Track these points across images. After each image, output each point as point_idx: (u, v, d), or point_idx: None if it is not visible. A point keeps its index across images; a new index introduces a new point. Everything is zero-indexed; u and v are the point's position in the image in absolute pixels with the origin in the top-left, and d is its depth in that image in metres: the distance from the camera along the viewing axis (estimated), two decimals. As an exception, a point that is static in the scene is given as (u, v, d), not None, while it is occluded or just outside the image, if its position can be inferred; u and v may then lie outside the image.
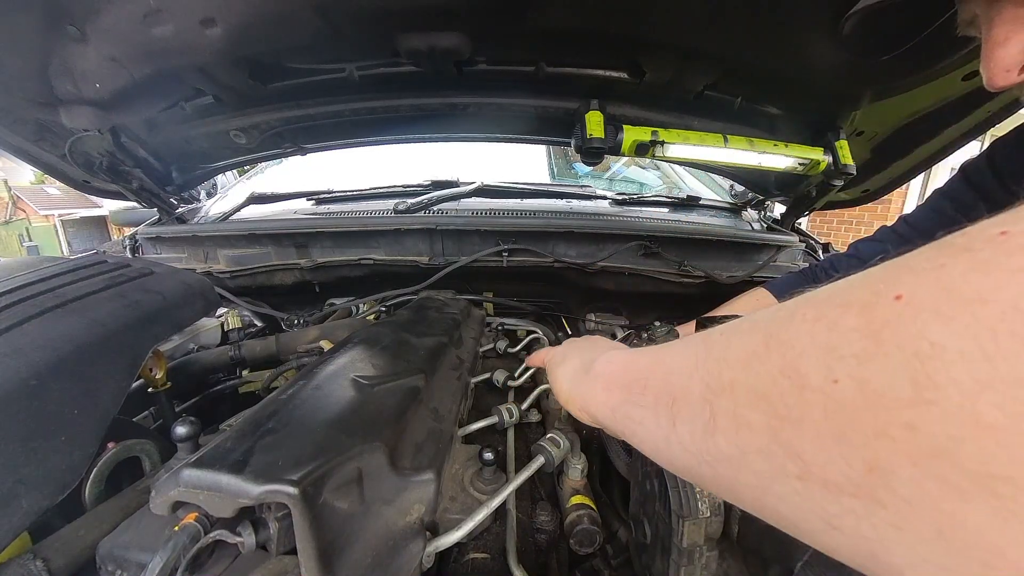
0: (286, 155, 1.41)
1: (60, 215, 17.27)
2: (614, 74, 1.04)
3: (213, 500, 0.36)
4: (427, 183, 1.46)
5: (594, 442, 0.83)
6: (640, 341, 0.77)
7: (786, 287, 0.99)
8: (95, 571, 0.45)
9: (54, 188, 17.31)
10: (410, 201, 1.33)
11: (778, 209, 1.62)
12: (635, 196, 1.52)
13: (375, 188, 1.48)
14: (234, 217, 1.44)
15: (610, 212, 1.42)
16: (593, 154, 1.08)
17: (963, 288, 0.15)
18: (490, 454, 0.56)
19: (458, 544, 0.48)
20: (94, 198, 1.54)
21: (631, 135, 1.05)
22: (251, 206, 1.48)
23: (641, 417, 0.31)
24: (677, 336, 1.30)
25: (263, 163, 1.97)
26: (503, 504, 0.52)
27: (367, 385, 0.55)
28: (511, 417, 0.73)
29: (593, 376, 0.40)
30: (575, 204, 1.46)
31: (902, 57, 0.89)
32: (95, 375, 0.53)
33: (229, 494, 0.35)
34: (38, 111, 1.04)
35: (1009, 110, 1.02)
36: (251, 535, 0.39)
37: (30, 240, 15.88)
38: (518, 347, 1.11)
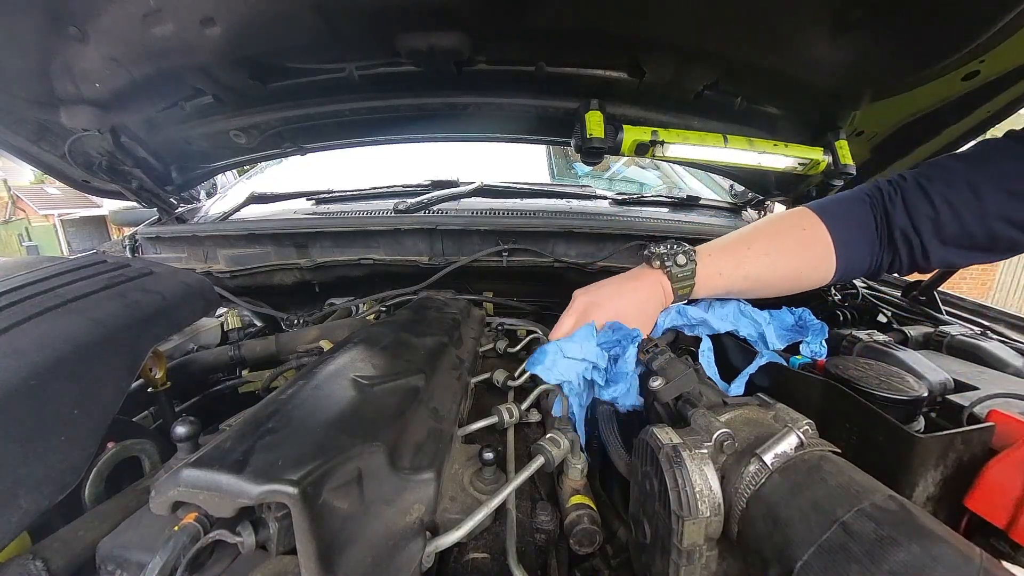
0: (286, 155, 1.41)
1: (60, 215, 17.28)
2: (614, 74, 1.04)
3: (213, 500, 0.36)
4: (427, 183, 1.46)
5: (594, 442, 0.83)
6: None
7: (841, 216, 0.76)
8: (95, 571, 0.45)
9: (54, 188, 17.33)
10: (410, 201, 1.33)
11: (778, 209, 1.62)
12: (635, 196, 1.52)
13: (375, 188, 1.48)
14: (234, 217, 1.44)
15: (610, 212, 1.42)
16: (593, 154, 1.08)
17: None
18: (490, 454, 0.56)
19: (458, 544, 0.48)
20: (94, 198, 1.54)
21: (631, 135, 1.05)
22: (251, 206, 1.48)
23: None
24: (678, 336, 1.30)
25: (263, 163, 1.97)
26: (503, 504, 0.52)
27: (367, 385, 0.55)
28: (511, 417, 0.73)
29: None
30: (575, 204, 1.46)
31: (902, 57, 0.89)
32: (95, 375, 0.53)
33: (229, 494, 0.35)
34: (38, 111, 1.04)
35: (1009, 110, 1.02)
36: (251, 535, 0.39)
37: (30, 240, 15.89)
38: (518, 347, 1.11)
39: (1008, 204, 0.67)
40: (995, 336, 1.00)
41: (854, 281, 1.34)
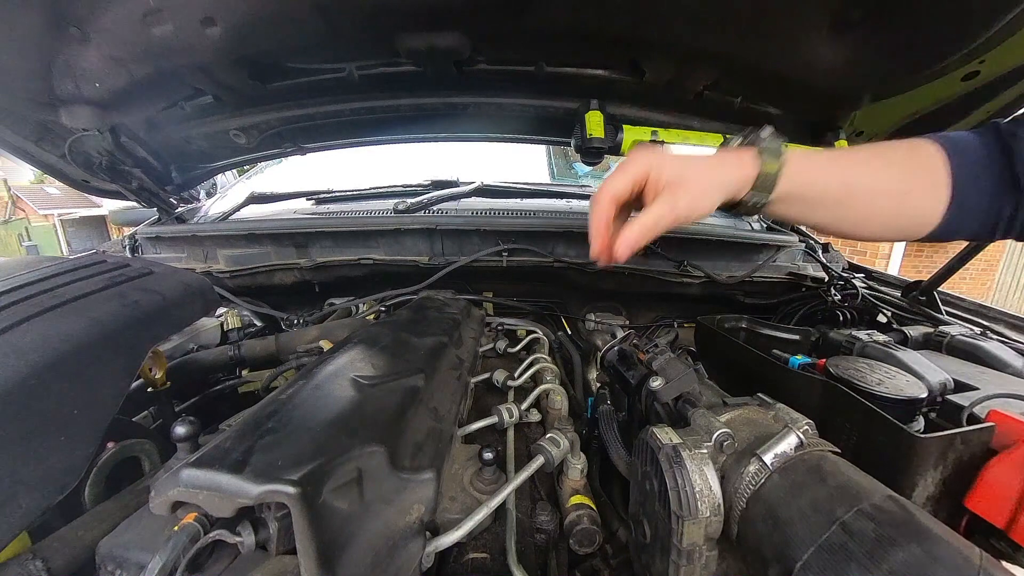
0: (286, 155, 1.41)
1: (60, 215, 17.27)
2: (614, 74, 1.04)
3: (213, 500, 0.36)
4: (427, 183, 1.46)
5: (594, 442, 0.83)
6: (640, 342, 0.77)
7: (960, 144, 0.60)
8: (95, 571, 0.45)
9: (54, 188, 17.33)
10: (410, 201, 1.33)
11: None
12: (635, 196, 1.52)
13: (375, 188, 1.48)
14: (234, 217, 1.44)
15: (610, 212, 1.42)
16: (593, 154, 1.08)
17: None
18: (490, 454, 0.56)
19: (458, 544, 0.48)
20: (94, 198, 1.54)
21: (631, 135, 1.05)
22: (251, 206, 1.48)
23: None
24: (677, 336, 1.30)
25: (263, 163, 1.97)
26: (503, 504, 0.52)
27: (367, 385, 0.55)
28: (511, 417, 0.73)
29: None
30: (575, 204, 1.46)
31: (902, 57, 0.89)
32: (95, 375, 0.53)
33: (229, 494, 0.35)
34: (38, 111, 1.04)
35: (1009, 110, 1.02)
36: (251, 535, 0.39)
37: (29, 240, 15.88)
38: (518, 347, 1.11)
39: None
40: (995, 336, 1.00)
41: (854, 281, 1.34)
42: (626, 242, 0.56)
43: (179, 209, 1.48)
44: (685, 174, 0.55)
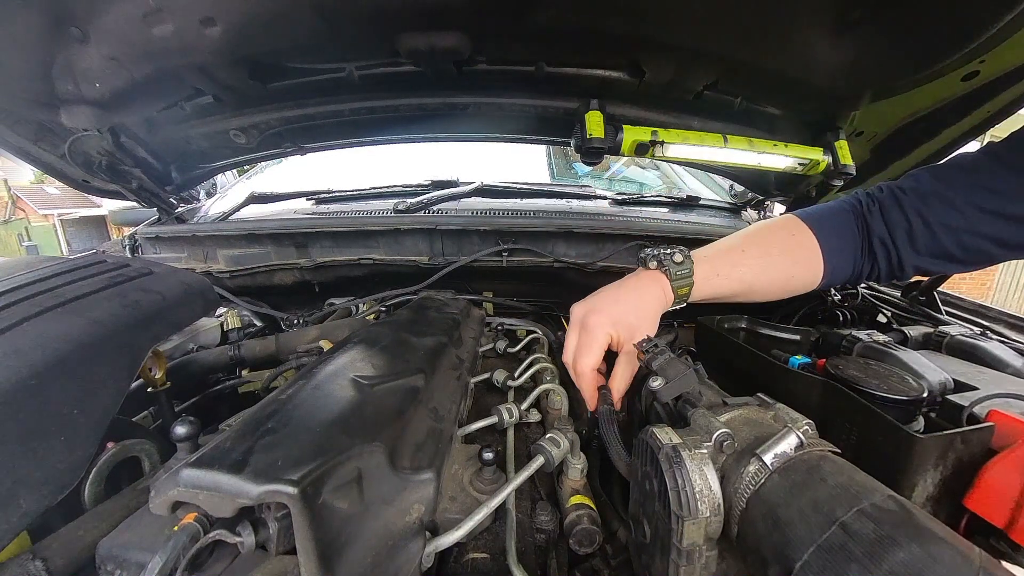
0: (286, 155, 1.41)
1: (59, 215, 17.28)
2: (614, 74, 1.04)
3: (213, 500, 0.36)
4: (427, 183, 1.46)
5: (594, 442, 0.83)
6: (640, 342, 0.77)
7: (827, 224, 0.78)
8: (95, 571, 0.45)
9: (53, 188, 17.33)
10: (410, 201, 1.33)
11: (778, 209, 1.62)
12: (635, 196, 1.52)
13: (375, 188, 1.48)
14: (234, 217, 1.44)
15: (610, 212, 1.42)
16: (593, 154, 1.08)
17: None
18: (490, 454, 0.56)
19: (458, 544, 0.48)
20: (94, 198, 1.54)
21: (631, 135, 1.05)
22: (251, 206, 1.48)
23: None
24: (677, 336, 1.30)
25: (263, 163, 1.97)
26: (503, 504, 0.52)
27: (367, 385, 0.55)
28: (511, 417, 0.73)
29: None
30: (575, 204, 1.46)
31: (902, 57, 0.89)
32: (94, 375, 0.53)
33: (229, 494, 0.35)
34: (38, 111, 1.04)
35: (1009, 110, 1.02)
36: (251, 535, 0.39)
37: (29, 240, 15.89)
38: (518, 347, 1.11)
39: (979, 219, 0.68)
40: (995, 336, 1.00)
41: (854, 281, 1.35)
42: (620, 395, 0.70)
43: (179, 209, 1.48)
44: (634, 324, 0.71)
